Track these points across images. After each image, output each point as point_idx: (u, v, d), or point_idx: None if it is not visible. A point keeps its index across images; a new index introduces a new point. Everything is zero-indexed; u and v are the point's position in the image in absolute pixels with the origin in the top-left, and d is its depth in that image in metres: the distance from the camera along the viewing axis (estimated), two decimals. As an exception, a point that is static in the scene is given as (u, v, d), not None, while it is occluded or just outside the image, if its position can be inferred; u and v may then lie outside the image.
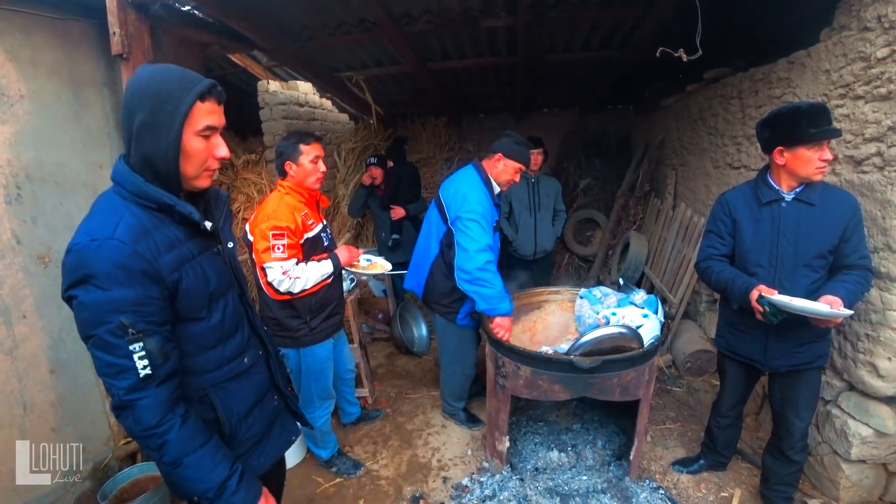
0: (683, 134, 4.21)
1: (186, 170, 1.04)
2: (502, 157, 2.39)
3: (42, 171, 2.15)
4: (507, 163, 2.39)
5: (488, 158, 2.44)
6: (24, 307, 2.09)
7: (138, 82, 1.00)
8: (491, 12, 2.98)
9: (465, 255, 2.27)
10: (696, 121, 3.88)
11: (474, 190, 2.36)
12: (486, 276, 2.24)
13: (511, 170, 2.40)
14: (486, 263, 2.24)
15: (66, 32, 2.23)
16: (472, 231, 2.27)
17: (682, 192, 4.26)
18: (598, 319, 2.36)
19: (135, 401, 0.98)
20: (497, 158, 2.40)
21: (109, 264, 0.93)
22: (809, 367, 1.87)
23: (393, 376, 3.67)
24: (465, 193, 2.35)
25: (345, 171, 5.21)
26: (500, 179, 2.43)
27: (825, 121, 1.68)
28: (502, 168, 2.40)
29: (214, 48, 3.13)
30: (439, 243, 2.48)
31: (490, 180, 2.43)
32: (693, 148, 3.98)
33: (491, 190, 2.42)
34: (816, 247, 1.76)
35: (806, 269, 1.78)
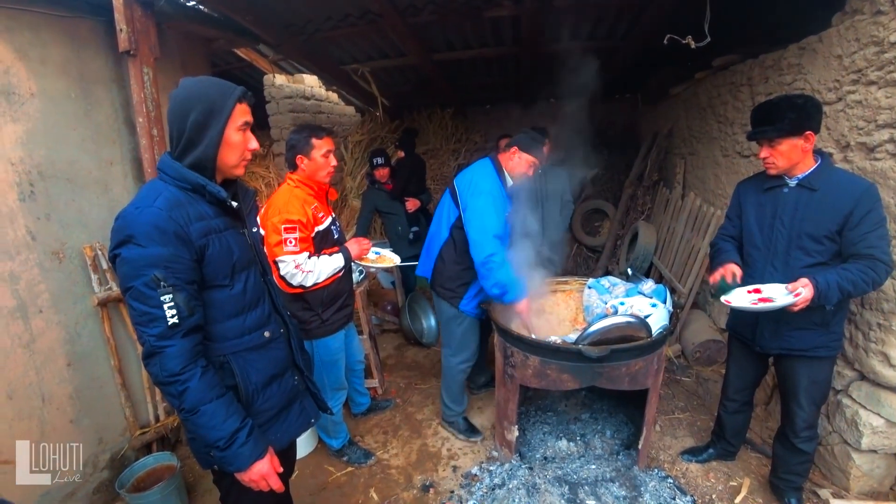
0: (692, 122, 4.17)
1: (228, 159, 1.24)
2: (518, 151, 2.41)
3: (54, 169, 2.18)
4: (522, 156, 2.41)
5: (504, 152, 2.47)
6: (39, 302, 2.13)
7: (187, 90, 1.20)
8: (495, 1, 2.95)
9: (475, 245, 2.28)
10: (704, 109, 3.83)
11: (487, 180, 2.38)
12: (495, 265, 2.24)
13: (525, 163, 2.41)
14: (492, 255, 2.23)
15: (73, 30, 2.25)
16: (484, 220, 2.28)
17: (691, 182, 4.22)
18: (607, 309, 2.36)
19: (162, 348, 1.12)
20: (513, 152, 2.42)
21: (148, 226, 1.11)
22: (806, 355, 1.86)
23: (402, 367, 3.70)
24: (478, 182, 2.37)
25: (352, 163, 5.22)
26: (515, 172, 2.44)
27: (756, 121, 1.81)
28: (517, 161, 2.41)
29: (220, 43, 3.14)
30: (450, 227, 2.49)
31: (504, 172, 2.45)
32: (702, 136, 3.93)
33: (504, 181, 2.43)
34: (811, 230, 1.76)
35: (799, 251, 1.80)
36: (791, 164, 1.78)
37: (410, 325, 3.89)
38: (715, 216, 3.43)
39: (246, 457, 1.21)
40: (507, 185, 2.45)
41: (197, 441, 1.25)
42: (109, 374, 2.42)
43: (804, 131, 1.70)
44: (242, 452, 1.21)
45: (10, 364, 2.02)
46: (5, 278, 2.00)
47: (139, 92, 2.29)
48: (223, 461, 1.22)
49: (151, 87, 2.32)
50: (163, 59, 2.41)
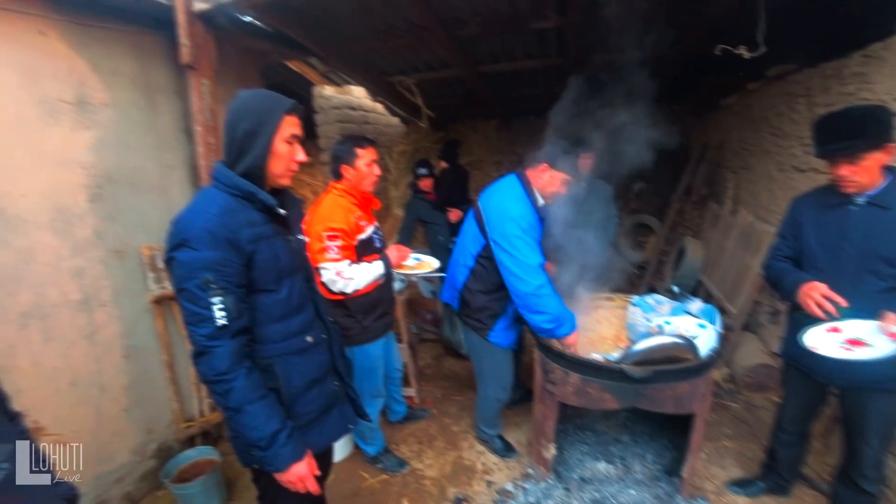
0: (745, 135, 3.99)
1: (275, 169, 1.30)
2: (548, 168, 2.17)
3: (120, 173, 2.33)
4: (553, 174, 2.17)
5: (532, 168, 2.24)
6: (102, 297, 2.28)
7: (241, 102, 1.27)
8: (541, 13, 2.94)
9: (516, 280, 2.09)
10: (758, 121, 3.66)
11: (516, 203, 2.17)
12: (543, 300, 2.07)
13: (558, 181, 2.18)
14: (538, 287, 2.07)
15: (141, 44, 2.41)
16: (519, 250, 2.09)
17: (742, 197, 4.03)
18: (651, 328, 2.27)
19: (211, 348, 1.18)
20: (542, 169, 2.19)
21: (201, 231, 1.17)
22: (879, 388, 1.69)
23: (440, 377, 3.69)
24: (505, 207, 2.17)
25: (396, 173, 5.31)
26: (546, 192, 2.22)
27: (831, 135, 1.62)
28: (548, 179, 2.19)
29: (273, 56, 3.28)
30: (475, 257, 2.34)
31: (533, 191, 2.24)
32: (755, 150, 3.75)
33: (534, 202, 2.23)
34: (885, 252, 1.62)
35: (871, 275, 1.65)
36: (872, 180, 1.63)
37: (450, 336, 3.86)
38: (769, 234, 3.25)
39: (285, 458, 1.24)
40: (537, 205, 2.24)
41: (239, 439, 1.30)
42: (160, 368, 2.55)
43: (885, 144, 1.57)
44: (282, 453, 1.24)
45: (74, 354, 2.16)
46: (74, 273, 2.15)
47: (198, 102, 2.42)
48: (263, 461, 1.25)
49: (209, 97, 2.45)
50: (220, 71, 2.54)
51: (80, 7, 2.12)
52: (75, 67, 2.14)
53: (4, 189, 1.91)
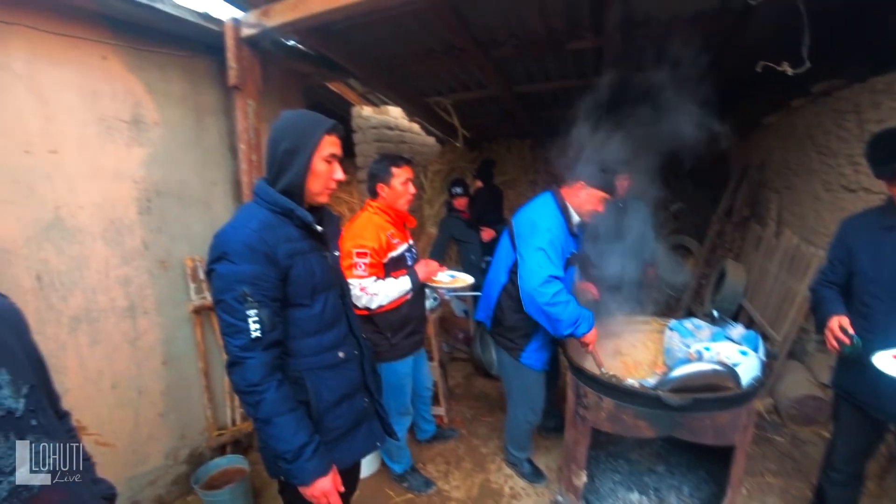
0: (788, 154, 3.84)
1: (313, 187, 1.33)
2: (584, 186, 2.15)
3: (168, 187, 2.46)
4: (590, 192, 2.15)
5: (569, 186, 2.22)
6: (145, 304, 2.39)
7: (283, 121, 1.31)
8: (577, 34, 2.96)
9: (530, 290, 2.09)
10: (803, 139, 3.52)
11: (546, 217, 2.18)
12: (557, 308, 2.05)
13: (595, 199, 2.16)
14: (553, 296, 2.05)
15: (192, 67, 2.56)
16: (535, 260, 2.08)
17: (787, 218, 3.86)
18: (690, 354, 2.18)
19: (245, 359, 1.21)
20: (579, 187, 2.17)
21: (240, 245, 1.21)
22: None
23: (470, 397, 3.65)
24: (535, 220, 2.18)
25: (431, 192, 5.37)
26: (582, 210, 2.19)
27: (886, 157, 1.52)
28: (585, 197, 2.17)
29: (314, 77, 3.42)
30: (507, 272, 2.34)
31: (568, 209, 2.22)
32: (800, 169, 3.60)
33: (568, 219, 2.21)
34: None
35: None
36: None
37: (481, 356, 3.84)
38: (816, 257, 3.09)
39: (310, 472, 1.25)
40: (571, 224, 2.22)
41: (267, 450, 1.31)
42: (196, 376, 2.63)
43: None
44: (307, 467, 1.25)
45: (117, 357, 2.27)
46: (121, 281, 2.27)
47: (242, 121, 2.54)
48: (289, 473, 1.26)
49: (253, 117, 2.57)
50: (264, 91, 2.66)
51: (140, 33, 2.28)
52: (132, 89, 2.30)
53: (64, 201, 2.05)
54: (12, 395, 0.75)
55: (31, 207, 1.95)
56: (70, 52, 2.06)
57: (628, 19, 2.73)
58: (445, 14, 2.59)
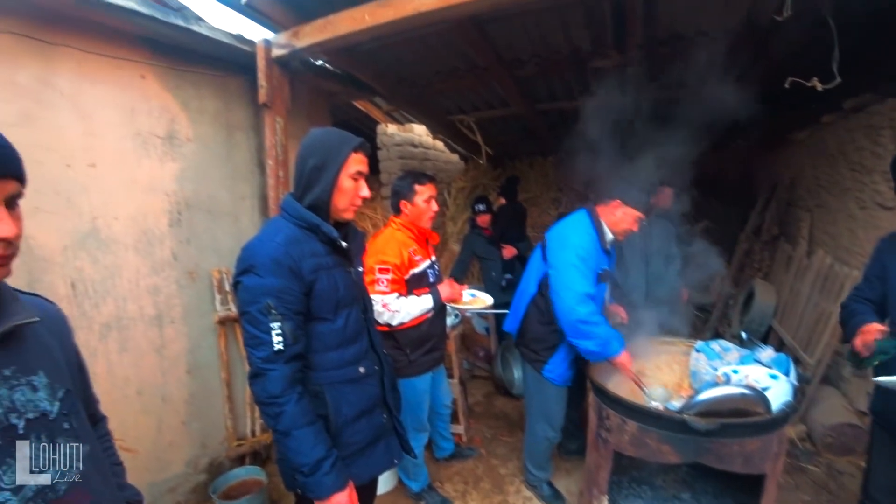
0: (819, 171, 3.73)
1: (338, 203, 1.35)
2: (621, 205, 2.16)
3: (198, 201, 2.54)
4: (626, 210, 2.16)
5: (604, 204, 2.23)
6: (173, 314, 2.45)
7: (312, 138, 1.36)
8: (600, 53, 2.96)
9: (563, 305, 2.10)
10: (834, 156, 3.42)
11: (579, 233, 2.19)
12: (591, 327, 2.05)
13: (630, 218, 2.17)
14: (588, 314, 2.05)
15: (225, 86, 2.66)
16: (568, 276, 2.09)
17: (819, 237, 3.73)
18: (717, 377, 2.11)
19: (266, 370, 1.22)
20: (615, 205, 2.17)
21: (267, 258, 1.23)
22: None
23: (490, 416, 3.60)
24: (567, 235, 2.21)
25: (454, 209, 5.41)
26: (617, 229, 2.20)
27: None
28: (620, 216, 2.17)
29: (341, 96, 3.51)
30: (538, 283, 2.36)
31: (602, 226, 2.23)
32: (832, 187, 3.49)
33: (602, 237, 2.21)
34: None
35: None
36: None
37: (502, 374, 3.80)
38: (850, 277, 2.97)
39: (327, 486, 1.25)
40: (605, 241, 2.22)
41: (285, 462, 1.32)
42: (219, 385, 2.67)
43: None
44: (324, 481, 1.24)
45: (143, 364, 2.32)
46: (151, 290, 2.34)
47: (271, 138, 2.62)
48: (306, 486, 1.26)
49: (282, 134, 2.64)
50: (292, 109, 2.74)
51: (177, 54, 2.39)
52: (168, 106, 2.40)
53: (100, 212, 2.14)
54: (48, 398, 0.78)
55: (69, 218, 2.04)
56: (111, 71, 2.17)
57: (652, 37, 2.73)
58: (470, 34, 2.64)
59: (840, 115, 3.30)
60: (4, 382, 0.73)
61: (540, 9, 2.45)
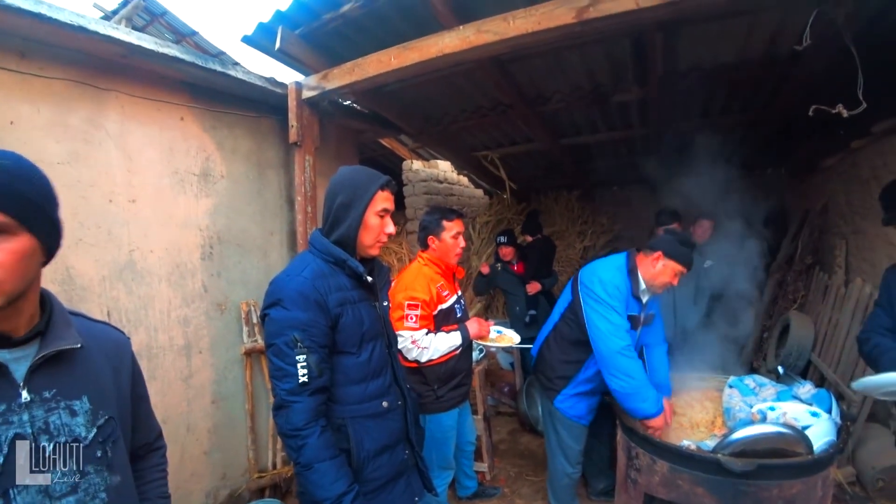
0: (852, 197, 3.63)
1: (365, 239, 1.38)
2: (662, 257, 2.10)
3: (229, 235, 2.64)
4: (667, 263, 2.09)
5: (646, 254, 2.18)
6: (201, 344, 2.51)
7: (341, 176, 1.40)
8: (622, 87, 3.01)
9: (601, 337, 2.03)
10: (867, 181, 3.33)
11: (610, 271, 2.15)
12: (625, 361, 1.98)
13: (671, 272, 2.09)
14: (623, 348, 1.99)
15: (258, 126, 2.81)
16: (607, 310, 2.04)
17: (856, 265, 3.59)
18: (753, 414, 2.01)
19: (291, 403, 1.23)
20: (656, 257, 2.11)
21: (294, 292, 1.26)
22: None
23: (514, 454, 3.50)
24: (597, 270, 2.18)
25: (479, 243, 5.44)
26: (656, 281, 2.13)
27: None
28: (661, 269, 2.11)
29: (368, 134, 3.65)
30: (561, 312, 2.34)
31: (637, 274, 2.17)
32: (867, 213, 3.38)
33: (634, 282, 2.16)
34: None
35: None
36: None
37: (527, 410, 3.70)
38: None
39: None
40: (636, 287, 2.16)
41: (306, 496, 1.30)
42: (243, 417, 2.69)
43: None
44: None
45: (170, 393, 2.37)
46: (181, 321, 2.41)
47: (300, 175, 2.72)
48: None
49: (311, 171, 2.75)
50: (321, 147, 2.86)
51: (214, 96, 2.55)
52: (204, 146, 2.54)
53: (137, 245, 2.24)
54: (85, 424, 0.80)
55: (108, 250, 2.14)
56: (153, 113, 2.33)
57: (672, 70, 2.76)
58: (493, 73, 2.73)
59: (870, 139, 3.23)
60: (43, 404, 0.76)
61: (560, 48, 2.53)
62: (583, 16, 1.88)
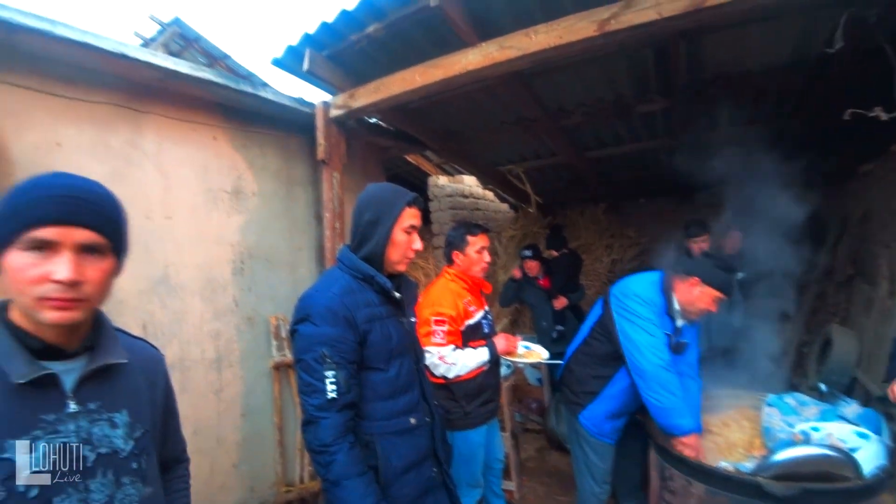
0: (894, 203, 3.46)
1: (392, 256, 1.39)
2: (699, 283, 1.98)
3: (259, 251, 2.71)
4: (704, 290, 1.97)
5: (682, 279, 2.06)
6: (231, 358, 2.56)
7: (368, 193, 1.42)
8: (645, 98, 2.98)
9: (638, 354, 1.95)
10: (910, 186, 3.18)
11: (645, 285, 2.08)
12: (663, 376, 1.89)
13: (709, 298, 1.98)
14: (664, 362, 1.91)
15: (286, 144, 2.89)
16: (644, 325, 1.97)
17: (902, 277, 3.41)
18: (795, 435, 1.92)
19: (319, 419, 1.24)
20: (693, 283, 2.00)
21: (323, 308, 1.27)
22: None
23: (543, 473, 3.42)
24: (633, 287, 2.10)
25: (505, 258, 5.42)
26: (692, 308, 2.01)
27: None
28: (698, 295, 1.99)
29: (393, 150, 3.71)
30: (591, 326, 2.28)
31: (672, 299, 2.06)
32: (913, 220, 3.22)
33: (668, 303, 2.06)
34: None
35: None
36: None
37: (555, 427, 3.61)
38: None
39: None
40: (671, 309, 2.05)
41: None
42: (271, 430, 2.72)
43: None
44: None
45: (202, 405, 2.42)
46: (212, 335, 2.47)
47: (328, 192, 2.78)
48: None
49: (338, 188, 2.81)
50: (348, 164, 2.92)
51: (245, 116, 2.64)
52: (235, 164, 2.62)
53: (172, 260, 2.32)
54: (124, 437, 0.83)
55: (145, 265, 2.23)
56: (188, 134, 2.43)
57: (697, 78, 2.72)
58: (516, 88, 2.75)
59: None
60: (87, 415, 0.79)
61: (581, 61, 2.53)
62: (604, 28, 1.88)
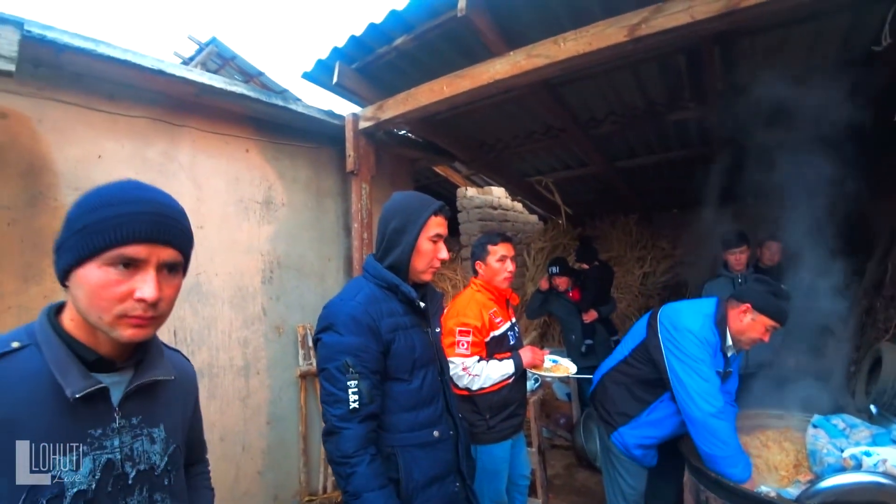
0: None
1: (417, 265, 1.37)
2: (751, 309, 1.88)
3: (288, 261, 2.75)
4: (758, 318, 1.87)
5: (733, 305, 1.96)
6: (258, 366, 2.60)
7: (394, 202, 1.41)
8: (678, 105, 2.90)
9: (690, 402, 1.82)
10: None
11: (699, 320, 1.94)
12: (718, 426, 1.77)
13: (761, 327, 1.87)
14: (717, 411, 1.79)
15: (316, 156, 2.95)
16: (697, 368, 1.84)
17: (961, 294, 3.17)
18: (844, 460, 1.78)
19: (341, 429, 1.21)
20: (744, 309, 1.90)
21: (346, 317, 1.26)
22: None
23: (570, 491, 3.30)
24: (687, 322, 1.95)
25: (534, 269, 5.36)
26: (744, 336, 1.91)
27: None
28: (749, 323, 1.89)
29: (422, 162, 3.74)
30: (631, 349, 2.15)
31: (725, 329, 1.94)
32: (973, 235, 3.00)
33: (722, 337, 1.94)
34: None
35: None
36: None
37: (584, 444, 3.51)
38: None
39: None
40: (724, 345, 1.94)
41: None
42: (296, 438, 2.73)
43: None
44: None
45: (228, 412, 2.45)
46: (241, 342, 2.51)
47: (357, 203, 2.82)
48: None
49: (367, 199, 2.84)
50: (376, 175, 2.96)
51: (276, 129, 2.72)
52: (266, 175, 2.69)
53: (204, 269, 2.38)
54: (160, 452, 0.82)
55: (179, 273, 2.29)
56: (221, 146, 2.51)
57: (731, 85, 2.63)
58: (544, 97, 2.73)
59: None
60: (130, 430, 0.78)
61: (611, 68, 2.49)
62: (635, 33, 1.84)
